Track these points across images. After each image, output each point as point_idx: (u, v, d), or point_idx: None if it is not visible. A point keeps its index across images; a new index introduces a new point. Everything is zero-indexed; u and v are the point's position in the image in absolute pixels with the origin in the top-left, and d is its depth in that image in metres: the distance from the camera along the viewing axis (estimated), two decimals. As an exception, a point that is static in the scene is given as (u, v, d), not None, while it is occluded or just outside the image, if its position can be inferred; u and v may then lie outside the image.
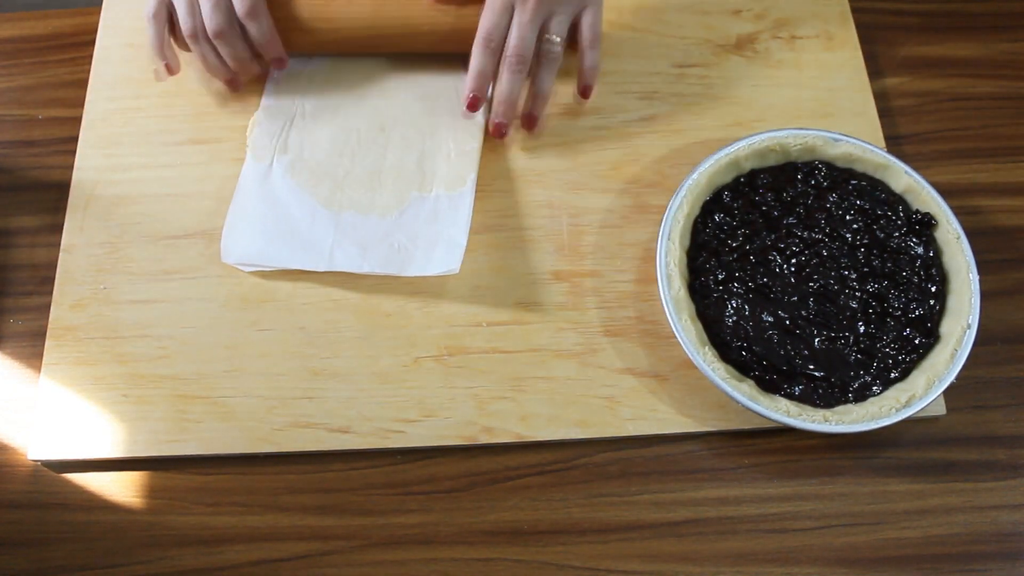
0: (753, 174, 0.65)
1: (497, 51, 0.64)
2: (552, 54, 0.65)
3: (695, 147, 0.69)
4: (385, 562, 0.58)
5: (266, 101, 0.70)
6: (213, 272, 0.65)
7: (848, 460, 0.60)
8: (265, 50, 0.67)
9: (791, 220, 0.62)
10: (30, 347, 0.63)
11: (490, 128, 0.67)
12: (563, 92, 0.70)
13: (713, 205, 0.63)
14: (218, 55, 0.66)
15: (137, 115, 0.71)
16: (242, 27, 0.65)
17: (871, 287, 0.60)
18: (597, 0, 0.66)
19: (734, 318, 0.59)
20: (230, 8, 0.64)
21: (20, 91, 0.74)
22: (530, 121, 0.68)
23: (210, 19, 0.64)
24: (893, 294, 0.60)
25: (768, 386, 0.58)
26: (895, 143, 0.69)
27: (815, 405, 0.57)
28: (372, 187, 0.66)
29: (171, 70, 0.67)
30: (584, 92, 0.68)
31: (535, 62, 0.65)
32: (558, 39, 0.65)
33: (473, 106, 0.66)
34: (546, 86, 0.66)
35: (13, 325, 0.65)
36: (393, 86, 0.71)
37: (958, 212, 0.61)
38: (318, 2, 0.67)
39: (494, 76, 0.65)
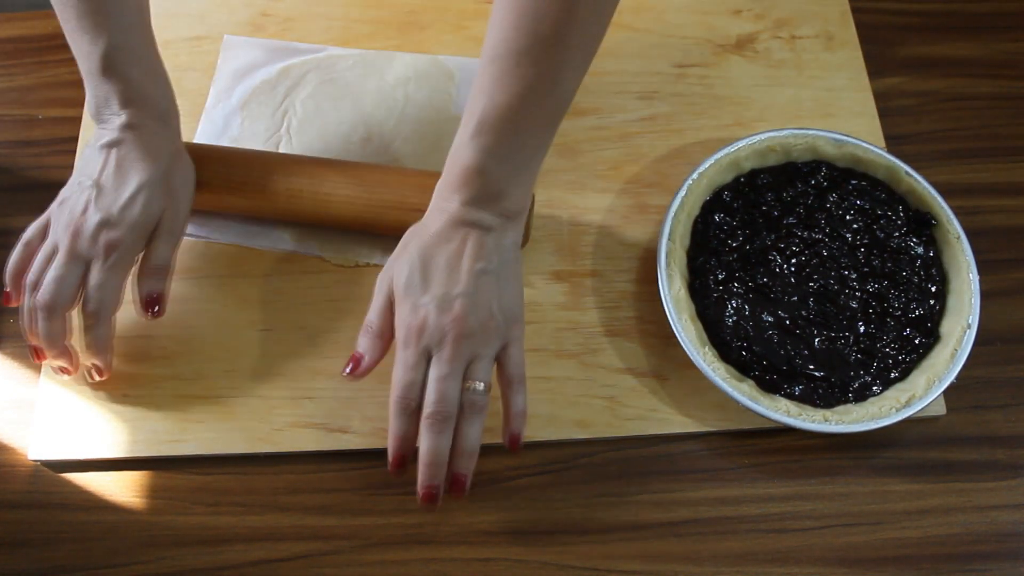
0: (753, 174, 0.65)
1: (417, 412, 0.54)
2: (477, 405, 0.54)
3: (695, 147, 0.69)
4: (385, 562, 0.58)
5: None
6: (213, 272, 0.65)
7: (848, 460, 0.60)
8: (91, 356, 0.59)
9: (791, 220, 0.62)
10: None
11: (420, 500, 0.54)
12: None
13: (713, 205, 0.63)
14: (32, 319, 0.57)
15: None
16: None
17: (871, 287, 0.60)
18: (518, 336, 0.56)
19: (734, 318, 0.59)
20: (75, 290, 0.56)
21: (20, 91, 0.74)
22: (457, 484, 0.55)
23: (46, 288, 0.56)
24: (893, 294, 0.60)
25: (768, 386, 0.58)
26: (895, 143, 0.69)
27: (815, 405, 0.57)
28: None
29: (9, 299, 0.58)
30: (512, 443, 0.56)
31: (459, 416, 0.54)
32: (482, 386, 0.54)
33: (396, 471, 0.54)
34: (473, 440, 0.54)
35: (13, 325, 0.65)
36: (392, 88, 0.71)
37: (958, 212, 0.61)
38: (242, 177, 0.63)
39: (416, 435, 0.54)
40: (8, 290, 0.58)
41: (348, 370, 0.55)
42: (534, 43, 0.49)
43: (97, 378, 0.61)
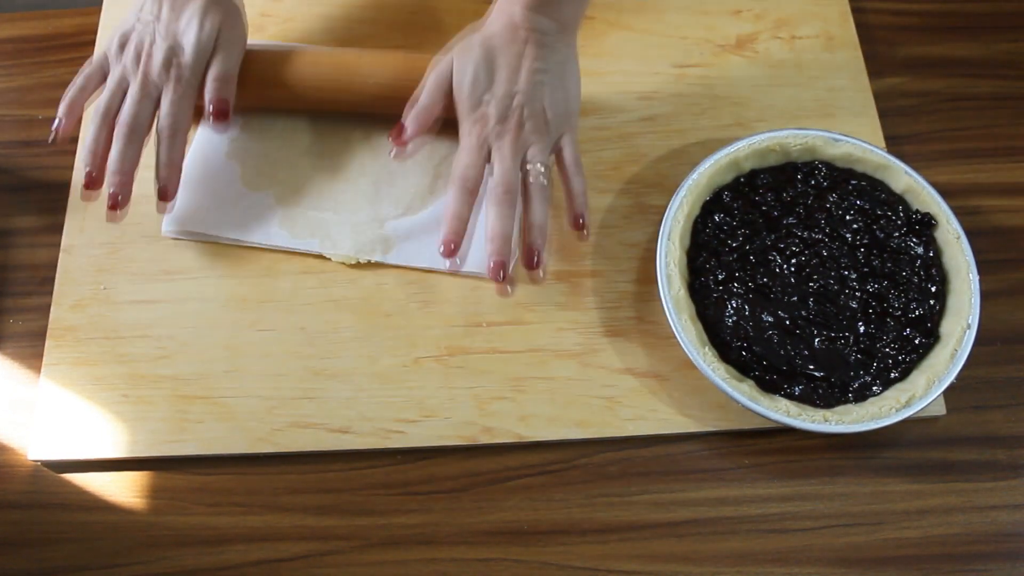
0: (753, 174, 0.65)
1: (474, 191, 0.60)
2: (539, 183, 0.60)
3: (695, 147, 0.69)
4: (385, 562, 0.58)
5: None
6: (213, 272, 0.65)
7: (848, 460, 0.60)
8: (161, 174, 0.62)
9: (791, 220, 0.62)
10: (30, 347, 0.63)
11: (488, 272, 0.59)
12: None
13: (713, 205, 0.63)
14: (106, 143, 0.62)
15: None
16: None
17: (871, 287, 0.60)
18: (572, 125, 0.63)
19: (734, 318, 0.59)
20: (152, 115, 0.62)
21: (20, 91, 0.74)
22: (531, 255, 0.59)
23: (127, 112, 0.61)
24: (893, 294, 0.60)
25: (768, 386, 0.58)
26: (895, 143, 0.69)
27: (815, 405, 0.57)
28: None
29: (57, 132, 0.63)
30: (576, 222, 0.62)
31: (524, 194, 0.60)
32: (543, 167, 0.60)
33: (449, 252, 0.59)
34: (541, 215, 0.60)
35: (13, 325, 0.65)
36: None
37: (958, 212, 0.61)
38: (268, 62, 0.67)
39: (470, 217, 0.60)
40: (60, 118, 0.63)
41: (392, 137, 0.62)
42: None
43: (163, 202, 0.63)
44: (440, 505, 0.59)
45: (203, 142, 0.69)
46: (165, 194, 0.63)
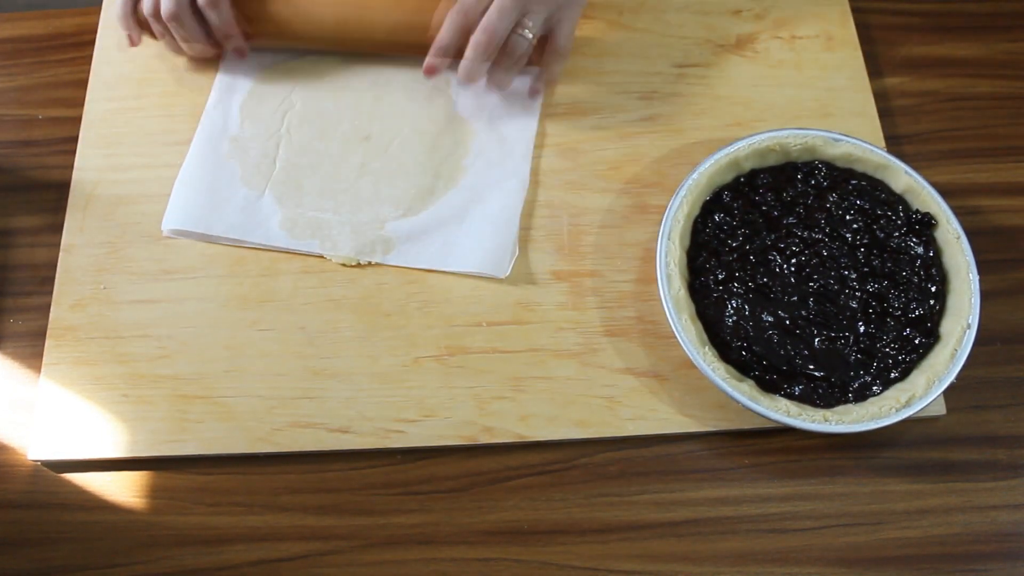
0: (753, 174, 0.65)
1: (468, 27, 0.64)
2: (520, 48, 0.64)
3: (695, 147, 0.69)
4: (385, 562, 0.58)
5: (223, 78, 0.72)
6: (213, 272, 0.65)
7: (848, 460, 0.60)
8: (223, 39, 0.68)
9: (791, 220, 0.62)
10: (30, 347, 0.63)
11: (424, 68, 0.66)
12: (561, 92, 0.70)
13: (713, 205, 0.63)
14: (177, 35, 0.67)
15: (137, 115, 0.71)
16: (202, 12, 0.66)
17: (871, 287, 0.60)
18: (571, 15, 0.66)
19: (734, 318, 0.59)
20: None
21: (20, 91, 0.74)
22: (450, 65, 0.67)
23: (166, 2, 0.65)
24: (893, 294, 0.60)
25: (768, 386, 0.58)
26: (895, 143, 0.69)
27: (815, 405, 0.57)
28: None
29: (133, 41, 0.69)
30: (532, 92, 0.69)
31: (500, 53, 0.65)
32: (530, 35, 0.64)
33: (430, 71, 0.66)
34: (505, 80, 0.67)
35: (13, 325, 0.65)
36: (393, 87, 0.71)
37: (958, 212, 0.61)
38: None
39: (457, 54, 0.65)
40: (128, 33, 0.68)
41: (427, 65, 0.66)
42: None
43: (239, 54, 0.70)
44: (440, 505, 0.59)
45: (203, 142, 0.69)
46: (242, 53, 0.70)
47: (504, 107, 0.70)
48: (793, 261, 0.61)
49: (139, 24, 0.68)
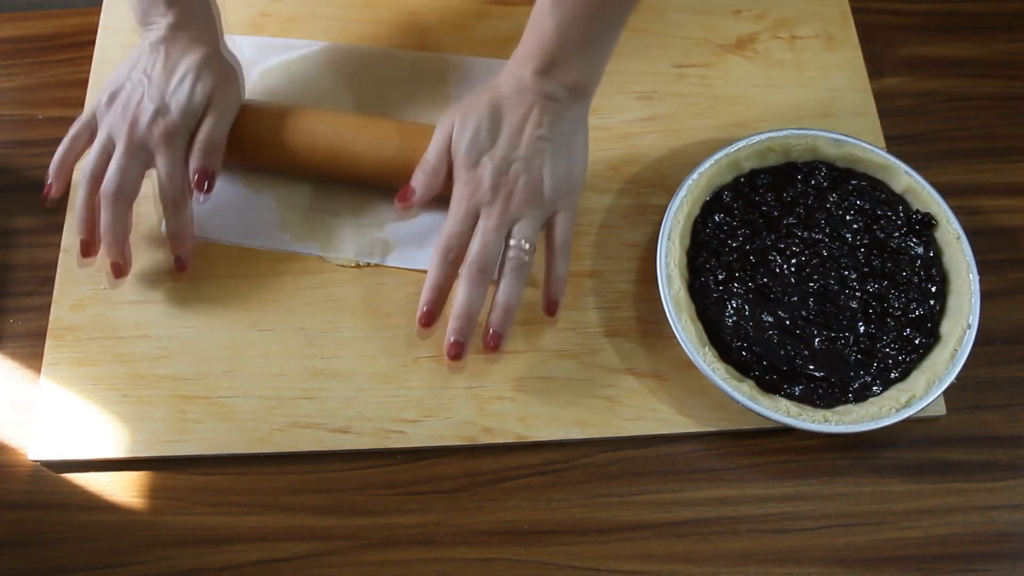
0: (753, 174, 0.65)
1: (457, 262, 0.57)
2: (520, 261, 0.57)
3: (695, 147, 0.69)
4: (385, 562, 0.58)
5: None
6: (213, 272, 0.65)
7: (848, 460, 0.60)
8: (172, 246, 0.61)
9: (791, 220, 0.62)
10: (30, 347, 0.63)
11: (445, 350, 0.57)
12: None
13: (713, 205, 0.63)
14: (97, 208, 0.60)
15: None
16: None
17: (871, 287, 0.60)
18: (570, 203, 0.59)
19: (734, 318, 0.59)
20: (139, 179, 0.59)
21: (20, 91, 0.74)
22: (491, 340, 0.57)
23: (112, 177, 0.58)
24: (893, 294, 0.60)
25: (768, 386, 0.58)
26: (895, 143, 0.69)
27: (815, 405, 0.57)
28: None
29: (50, 191, 0.61)
30: (550, 307, 0.59)
31: (500, 270, 0.58)
32: (527, 247, 0.57)
33: (425, 323, 0.58)
34: (512, 297, 0.57)
35: (13, 325, 0.65)
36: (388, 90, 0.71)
37: (958, 212, 0.61)
38: (276, 125, 0.64)
39: (450, 290, 0.58)
40: (50, 182, 0.61)
41: (399, 200, 0.60)
42: None
43: (179, 268, 0.63)
44: (440, 505, 0.59)
45: None
46: (181, 265, 0.62)
47: None
48: (793, 261, 0.61)
49: (67, 179, 0.62)
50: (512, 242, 0.57)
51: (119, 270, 0.61)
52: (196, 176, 0.60)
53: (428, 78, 0.71)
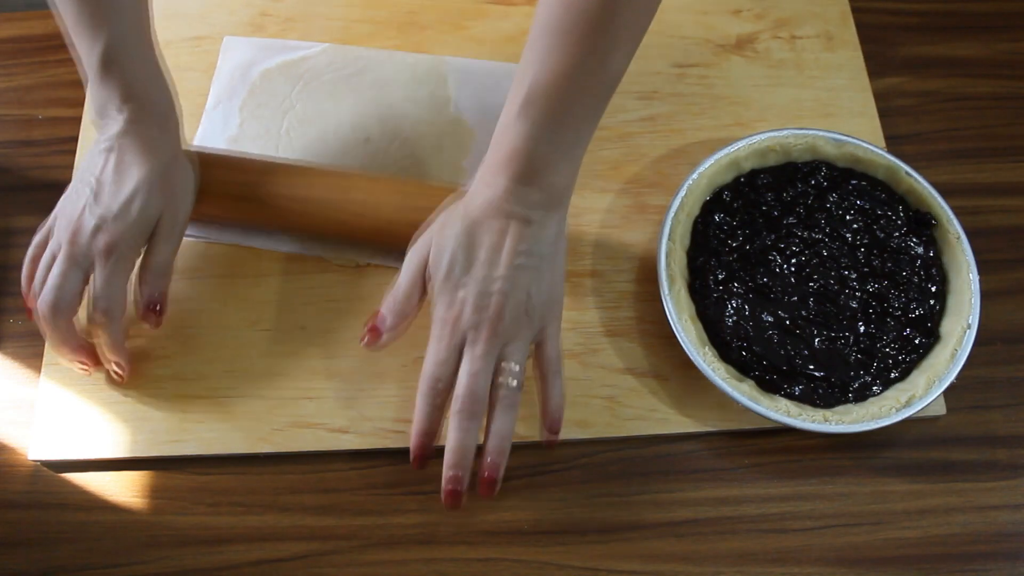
0: (753, 174, 0.65)
1: (445, 393, 0.53)
2: (508, 400, 0.53)
3: (695, 147, 0.69)
4: (385, 562, 0.58)
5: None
6: (213, 272, 0.65)
7: (848, 460, 0.60)
8: (107, 354, 0.58)
9: (791, 220, 0.62)
10: (30, 347, 0.63)
11: (442, 495, 0.53)
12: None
13: (713, 205, 0.63)
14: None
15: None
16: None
17: (871, 287, 0.60)
18: (554, 329, 0.55)
19: (734, 318, 0.59)
20: (77, 292, 0.56)
21: (20, 91, 0.74)
22: (485, 482, 0.54)
23: (48, 292, 0.55)
24: (893, 294, 0.60)
25: (768, 386, 0.58)
26: (895, 143, 0.69)
27: (815, 405, 0.57)
28: None
29: (31, 314, 0.58)
30: (552, 430, 0.56)
31: (490, 405, 0.53)
32: (517, 372, 0.53)
33: (418, 463, 0.54)
34: (506, 438, 0.53)
35: (13, 325, 0.65)
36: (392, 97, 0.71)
37: (958, 212, 0.61)
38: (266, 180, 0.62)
39: (440, 429, 0.54)
40: (28, 305, 0.59)
41: (368, 334, 0.56)
42: (581, 20, 0.50)
43: (117, 378, 0.60)
44: (440, 505, 0.59)
45: (201, 141, 0.69)
46: (120, 379, 0.60)
47: (498, 102, 0.69)
48: (793, 261, 0.61)
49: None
50: (503, 365, 0.53)
51: (87, 369, 0.59)
52: (147, 304, 0.58)
53: (428, 80, 0.71)
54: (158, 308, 0.59)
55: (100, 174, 0.56)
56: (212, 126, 0.70)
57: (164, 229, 0.58)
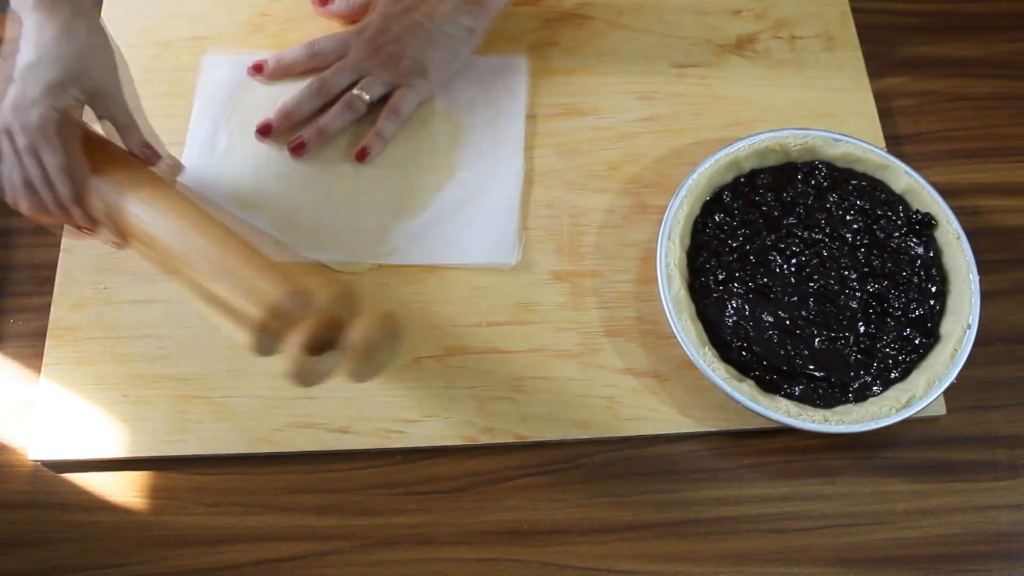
0: (753, 174, 0.65)
1: (320, 94, 0.68)
2: (352, 105, 0.67)
3: (695, 147, 0.69)
4: (385, 562, 0.58)
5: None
6: (213, 272, 0.65)
7: (848, 460, 0.60)
8: (74, 214, 0.58)
9: (791, 220, 0.62)
10: (30, 347, 0.63)
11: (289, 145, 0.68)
12: (558, 90, 0.70)
13: (713, 205, 0.63)
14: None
15: (136, 115, 0.70)
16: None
17: (871, 287, 0.60)
18: (418, 87, 0.68)
19: (734, 318, 0.59)
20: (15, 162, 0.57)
21: (20, 91, 0.73)
22: (298, 147, 0.67)
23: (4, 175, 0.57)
24: (893, 294, 0.60)
25: (768, 386, 0.58)
26: (895, 143, 0.69)
27: (815, 405, 0.57)
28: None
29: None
30: (360, 154, 0.68)
31: (340, 104, 0.67)
32: (365, 96, 0.67)
33: (263, 134, 0.69)
34: (331, 124, 0.67)
35: (13, 325, 0.65)
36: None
37: (958, 212, 0.61)
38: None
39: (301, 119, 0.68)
40: None
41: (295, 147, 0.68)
42: None
43: (88, 232, 0.60)
44: (440, 505, 0.59)
45: (191, 161, 0.68)
46: (88, 231, 0.60)
47: (489, 96, 0.70)
48: (793, 261, 0.61)
49: None
50: (355, 90, 0.67)
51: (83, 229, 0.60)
52: (140, 153, 0.61)
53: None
54: (149, 154, 0.61)
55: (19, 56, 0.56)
56: (198, 145, 0.69)
57: (100, 93, 0.58)
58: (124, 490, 0.60)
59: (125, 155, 0.61)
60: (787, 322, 0.59)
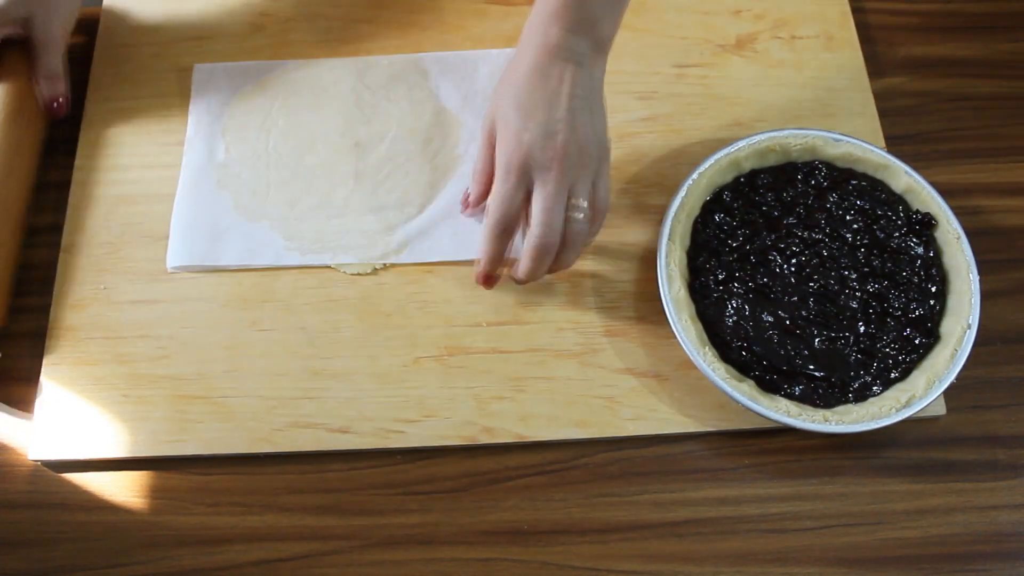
0: (753, 174, 0.65)
1: (511, 233, 0.58)
2: (579, 235, 0.58)
3: (695, 147, 0.69)
4: (385, 562, 0.58)
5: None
6: (213, 272, 0.65)
7: (848, 460, 0.60)
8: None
9: (791, 220, 0.62)
10: (30, 347, 0.63)
11: (475, 276, 0.61)
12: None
13: (713, 205, 0.63)
14: None
15: (137, 115, 0.71)
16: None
17: (871, 287, 0.60)
18: (607, 168, 0.59)
19: (734, 318, 0.59)
20: None
21: (20, 91, 0.73)
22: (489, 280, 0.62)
23: None
24: (893, 294, 0.60)
25: (768, 386, 0.58)
26: (895, 143, 0.69)
27: (815, 405, 0.57)
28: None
29: None
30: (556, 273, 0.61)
31: (560, 245, 0.58)
32: (584, 208, 0.57)
33: (485, 283, 0.61)
34: (569, 262, 0.59)
35: (13, 325, 0.65)
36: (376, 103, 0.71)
37: (958, 212, 0.61)
38: None
39: (504, 255, 0.60)
40: None
41: (462, 204, 0.64)
42: None
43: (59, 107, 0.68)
44: (440, 505, 0.59)
45: (191, 173, 0.68)
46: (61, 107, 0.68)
47: (488, 90, 0.70)
48: (793, 261, 0.61)
49: None
50: (571, 209, 0.57)
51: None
52: (48, 104, 0.67)
53: (405, 77, 0.71)
54: (57, 105, 0.67)
55: None
56: (197, 155, 0.69)
57: (39, 37, 0.65)
58: (124, 490, 0.60)
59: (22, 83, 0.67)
60: (787, 322, 0.59)
